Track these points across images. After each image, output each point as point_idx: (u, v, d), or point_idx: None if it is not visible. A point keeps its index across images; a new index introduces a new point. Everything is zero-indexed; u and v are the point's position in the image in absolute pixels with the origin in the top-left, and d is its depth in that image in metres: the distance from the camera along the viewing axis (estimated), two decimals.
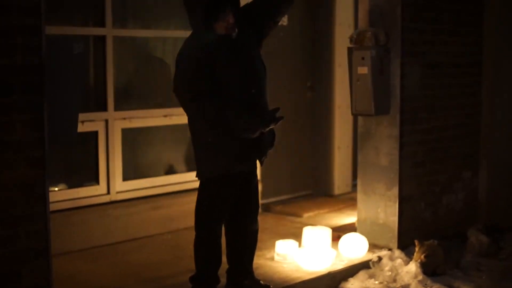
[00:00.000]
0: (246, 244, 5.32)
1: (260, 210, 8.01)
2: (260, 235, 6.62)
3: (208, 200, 5.10)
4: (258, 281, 5.41)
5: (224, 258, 5.27)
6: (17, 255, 4.24)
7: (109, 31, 6.80)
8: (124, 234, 6.80)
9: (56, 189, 6.53)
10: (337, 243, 6.36)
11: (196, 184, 5.19)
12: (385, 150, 6.55)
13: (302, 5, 8.76)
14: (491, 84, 7.55)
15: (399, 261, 6.21)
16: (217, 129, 4.82)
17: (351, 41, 6.46)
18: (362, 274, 6.06)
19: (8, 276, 4.21)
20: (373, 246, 6.50)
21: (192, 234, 5.20)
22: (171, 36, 7.45)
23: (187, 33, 7.34)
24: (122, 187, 6.95)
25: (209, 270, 5.22)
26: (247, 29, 5.04)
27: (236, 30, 4.93)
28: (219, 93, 4.79)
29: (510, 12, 7.55)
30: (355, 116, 6.99)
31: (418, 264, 6.06)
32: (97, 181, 6.81)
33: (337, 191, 8.97)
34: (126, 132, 6.99)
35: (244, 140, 4.86)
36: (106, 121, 6.81)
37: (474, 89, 7.48)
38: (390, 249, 6.46)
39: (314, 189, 9.03)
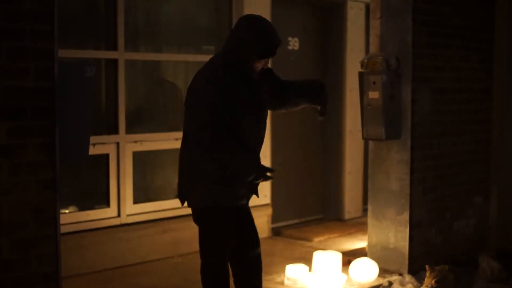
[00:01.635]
0: (252, 270, 5.26)
1: (270, 234, 8.06)
2: (270, 259, 6.61)
3: (206, 230, 5.04)
4: None
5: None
6: (27, 277, 4.24)
7: (121, 55, 6.84)
8: (135, 257, 6.81)
9: (67, 211, 6.55)
10: (348, 268, 6.35)
11: None
12: (396, 175, 6.54)
13: (313, 30, 8.81)
14: (502, 110, 7.55)
15: (409, 286, 6.18)
16: (213, 160, 4.80)
17: (362, 66, 6.48)
18: None
19: None
20: (383, 271, 6.48)
21: None
22: (183, 60, 7.49)
23: (198, 57, 7.43)
24: (132, 210, 6.96)
25: None
26: (265, 80, 5.06)
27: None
28: (233, 125, 4.77)
29: None
30: (366, 140, 7.00)
31: None
32: (107, 204, 6.83)
33: (347, 215, 8.97)
34: (137, 155, 7.01)
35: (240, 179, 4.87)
36: (117, 144, 6.83)
37: (485, 115, 7.48)
38: (400, 274, 6.44)
39: (324, 214, 9.04)
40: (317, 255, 6.34)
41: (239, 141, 4.77)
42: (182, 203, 5.10)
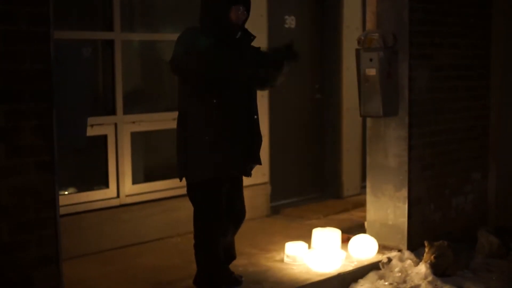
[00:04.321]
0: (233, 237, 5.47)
1: (269, 212, 8.08)
2: (269, 237, 6.64)
3: (204, 204, 5.15)
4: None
5: None
6: (28, 260, 4.25)
7: (118, 35, 6.81)
8: (134, 237, 6.82)
9: (66, 193, 6.56)
10: (347, 245, 6.37)
11: None
12: (394, 151, 6.55)
13: (309, 8, 8.78)
14: (499, 86, 7.55)
15: (409, 262, 6.21)
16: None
17: (359, 43, 6.47)
18: (372, 275, 6.06)
19: (19, 281, 4.23)
20: (382, 248, 6.50)
21: None
22: None
23: None
24: (131, 191, 6.97)
25: (219, 269, 5.27)
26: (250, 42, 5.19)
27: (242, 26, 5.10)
28: None
29: None
30: (363, 118, 7.00)
31: (428, 265, 6.06)
32: (106, 185, 6.83)
33: (346, 193, 8.99)
34: (135, 136, 7.00)
35: (236, 143, 5.03)
36: (115, 125, 6.83)
37: (483, 91, 7.48)
38: (399, 250, 6.47)
39: (323, 192, 9.05)
40: (316, 233, 6.36)
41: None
42: (180, 179, 5.30)
